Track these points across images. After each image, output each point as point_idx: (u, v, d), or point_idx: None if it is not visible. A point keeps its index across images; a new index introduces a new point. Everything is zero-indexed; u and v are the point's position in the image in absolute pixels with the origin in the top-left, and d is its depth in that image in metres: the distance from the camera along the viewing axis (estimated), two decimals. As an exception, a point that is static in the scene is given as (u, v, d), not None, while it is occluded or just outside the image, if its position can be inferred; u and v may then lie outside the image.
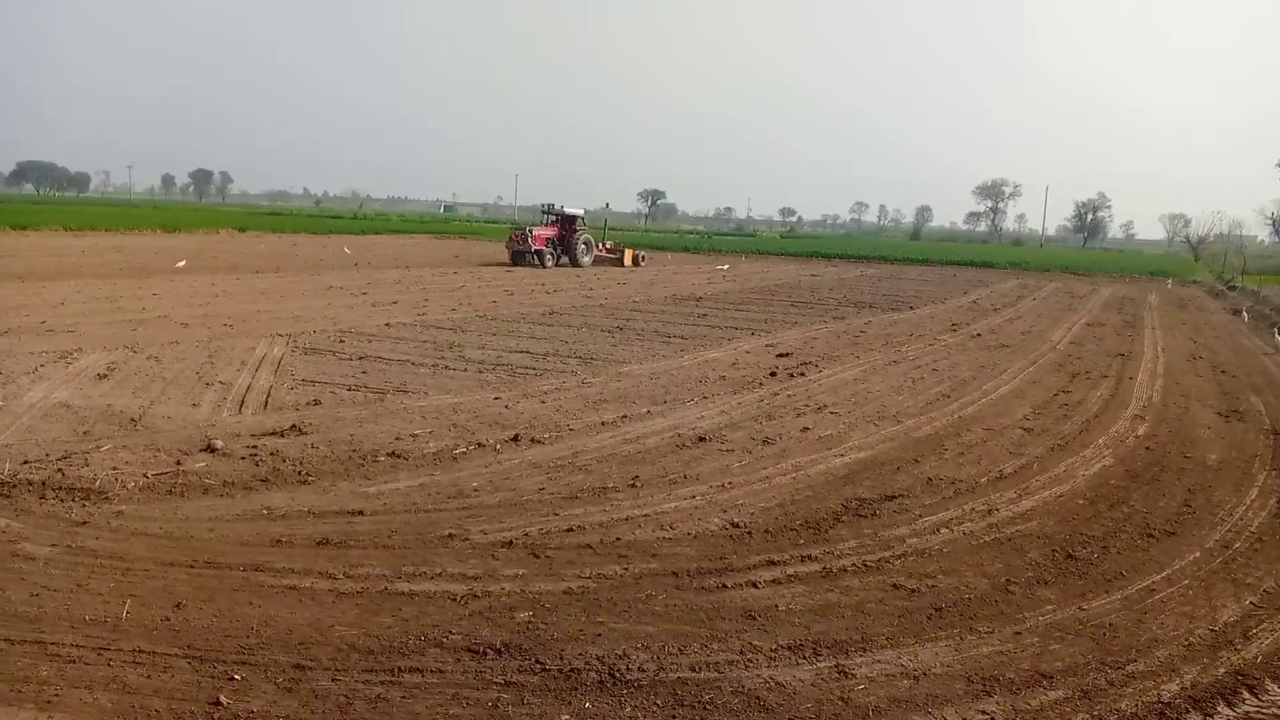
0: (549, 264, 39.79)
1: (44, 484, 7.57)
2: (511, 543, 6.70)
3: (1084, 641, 5.52)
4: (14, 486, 7.48)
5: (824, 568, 6.54)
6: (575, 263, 41.08)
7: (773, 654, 5.20)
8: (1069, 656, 5.30)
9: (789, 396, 12.69)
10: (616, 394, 12.29)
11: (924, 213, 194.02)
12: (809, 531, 7.29)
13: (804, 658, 5.17)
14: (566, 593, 5.91)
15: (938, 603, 6.01)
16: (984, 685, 4.91)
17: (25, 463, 8.11)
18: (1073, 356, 18.12)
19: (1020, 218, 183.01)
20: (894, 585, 6.27)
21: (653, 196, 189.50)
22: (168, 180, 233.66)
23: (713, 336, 18.84)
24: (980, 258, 67.39)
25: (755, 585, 6.18)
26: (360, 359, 14.18)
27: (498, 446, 9.31)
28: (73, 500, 7.29)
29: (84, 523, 6.84)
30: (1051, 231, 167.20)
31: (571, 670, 4.90)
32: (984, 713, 4.63)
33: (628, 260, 44.24)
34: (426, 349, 15.42)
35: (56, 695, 4.46)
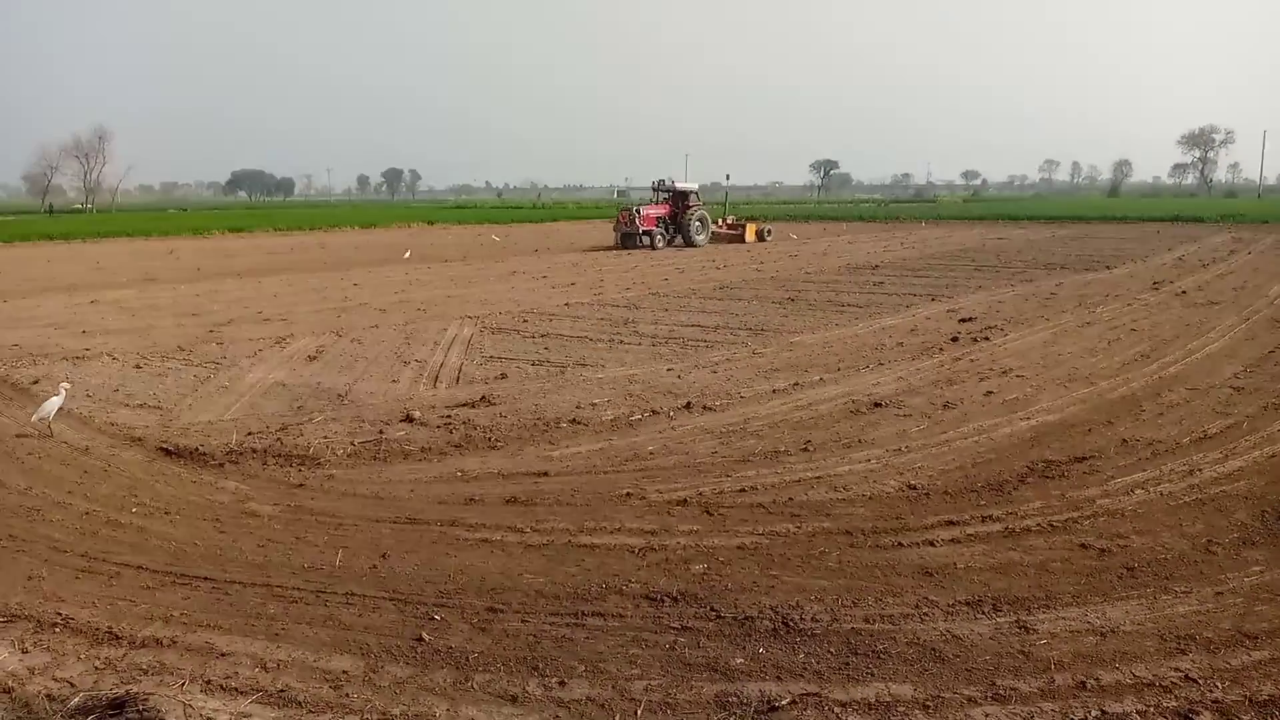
0: (660, 245, 37.06)
1: (266, 452, 8.41)
2: (686, 501, 6.90)
3: (1296, 603, 5.13)
4: (241, 454, 8.35)
5: (1006, 528, 6.36)
6: (689, 242, 38.21)
7: (950, 609, 5.13)
8: (1278, 618, 4.95)
9: (971, 361, 12.28)
10: (788, 363, 12.28)
11: (1122, 168, 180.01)
12: (990, 493, 7.10)
13: (983, 613, 5.08)
14: (740, 548, 6.04)
15: (1130, 563, 5.73)
16: (1179, 644, 4.66)
17: (250, 434, 9.03)
18: (1295, 311, 16.52)
19: (1234, 167, 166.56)
20: (1082, 545, 6.02)
21: (825, 167, 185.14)
22: (363, 180, 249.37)
23: (889, 304, 18.41)
24: (1188, 212, 61.92)
25: (933, 544, 6.10)
26: (542, 336, 14.80)
27: (671, 414, 9.55)
28: (291, 465, 8.07)
29: (301, 485, 7.56)
30: (1271, 180, 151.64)
31: (745, 618, 5.03)
32: (1178, 670, 4.40)
33: (750, 236, 41.23)
34: (603, 325, 15.90)
35: (283, 629, 5.00)
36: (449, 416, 9.54)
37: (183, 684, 4.35)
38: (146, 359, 13.24)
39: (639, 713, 4.12)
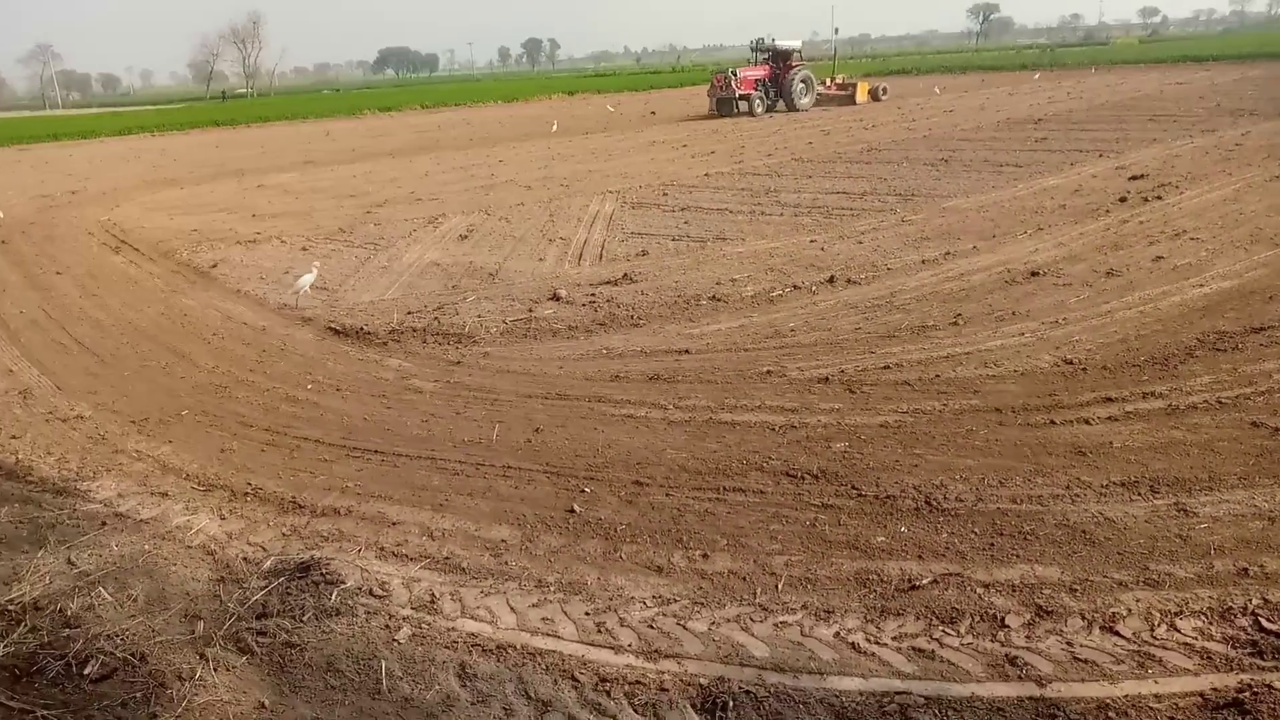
0: (759, 111, 34.57)
1: (425, 330, 8.85)
2: (827, 379, 6.88)
3: None
4: (402, 333, 8.82)
5: (1169, 405, 6.06)
6: (792, 106, 35.37)
7: (1103, 490, 5.00)
8: None
9: (1140, 223, 11.47)
10: (939, 230, 11.81)
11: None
12: (1154, 367, 6.74)
13: (1139, 494, 4.93)
14: (882, 426, 6.02)
15: (1308, 443, 5.39)
16: (1359, 531, 4.42)
17: (409, 313, 9.50)
18: None
19: None
20: (1253, 424, 5.68)
21: (984, 11, 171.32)
22: (503, 53, 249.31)
23: (1052, 162, 17.24)
24: None
25: (1088, 422, 5.89)
26: (682, 210, 14.71)
27: (813, 288, 9.42)
28: (448, 343, 8.48)
29: (458, 362, 7.96)
30: None
31: (887, 496, 5.06)
32: (1355, 558, 4.19)
33: (861, 96, 37.84)
34: (743, 196, 15.64)
35: (445, 500, 5.39)
36: (593, 294, 9.73)
37: (359, 550, 4.80)
38: (311, 241, 13.99)
39: (779, 586, 4.27)
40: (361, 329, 9.00)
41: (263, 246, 13.88)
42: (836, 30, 51.74)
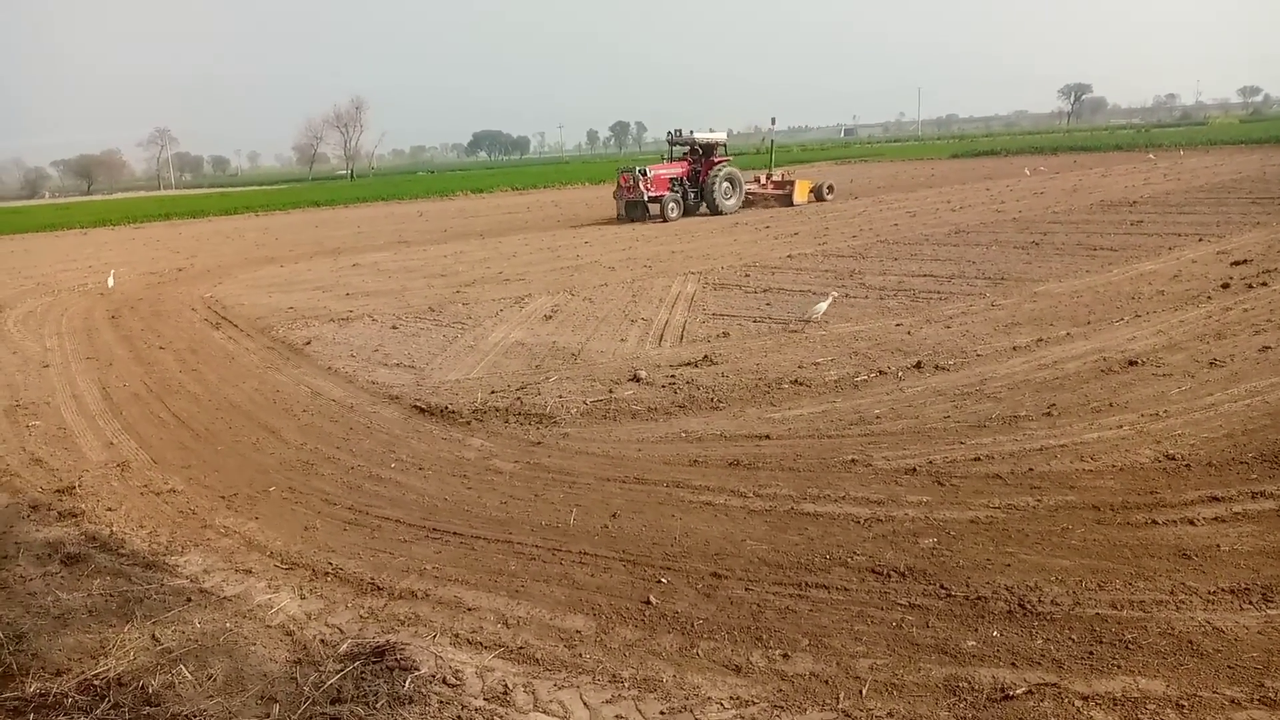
0: (673, 215, 29.19)
1: (508, 410, 8.94)
2: (915, 470, 6.68)
3: None
4: (485, 413, 8.93)
5: (1282, 506, 5.71)
6: (715, 209, 30.24)
7: (1211, 596, 4.69)
8: None
9: (1245, 311, 11.00)
10: (1030, 316, 11.52)
11: None
12: (1264, 465, 6.37)
13: (1250, 603, 4.61)
14: (973, 522, 5.79)
15: None
16: None
17: (493, 392, 9.63)
18: None
19: None
20: (1379, 530, 5.30)
21: (1075, 92, 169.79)
22: (592, 135, 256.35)
23: (1149, 246, 16.76)
24: None
25: (1192, 523, 5.58)
26: (764, 291, 14.71)
27: (899, 374, 9.23)
28: (529, 424, 8.54)
29: (539, 443, 7.99)
30: None
31: (978, 598, 4.84)
32: None
33: (800, 196, 32.67)
34: (827, 278, 15.56)
35: (521, 586, 5.35)
36: (673, 376, 9.73)
37: (434, 636, 4.78)
38: (401, 320, 14.40)
39: (864, 692, 4.09)
40: (446, 408, 9.14)
41: (354, 324, 14.34)
42: (774, 120, 46.05)
